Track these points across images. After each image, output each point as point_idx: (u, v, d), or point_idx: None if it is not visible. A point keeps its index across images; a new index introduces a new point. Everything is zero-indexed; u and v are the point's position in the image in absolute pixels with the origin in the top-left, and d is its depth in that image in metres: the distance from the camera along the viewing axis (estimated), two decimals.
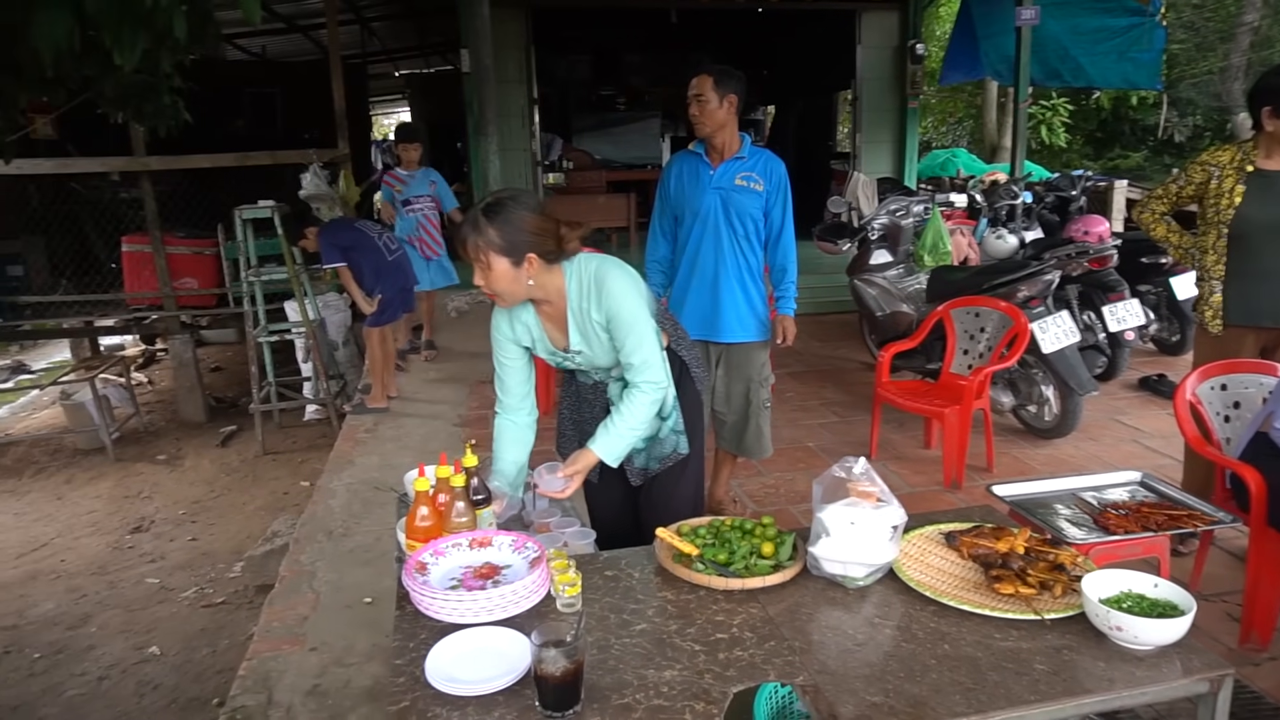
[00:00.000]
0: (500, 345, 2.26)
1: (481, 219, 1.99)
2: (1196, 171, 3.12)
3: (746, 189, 3.21)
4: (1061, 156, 14.05)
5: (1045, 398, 4.47)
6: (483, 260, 2.00)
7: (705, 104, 3.12)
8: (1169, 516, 2.41)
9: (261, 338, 6.11)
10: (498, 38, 8.19)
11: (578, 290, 2.13)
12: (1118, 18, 7.24)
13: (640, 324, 2.13)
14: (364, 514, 3.85)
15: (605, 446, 2.15)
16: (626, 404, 2.16)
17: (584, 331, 2.16)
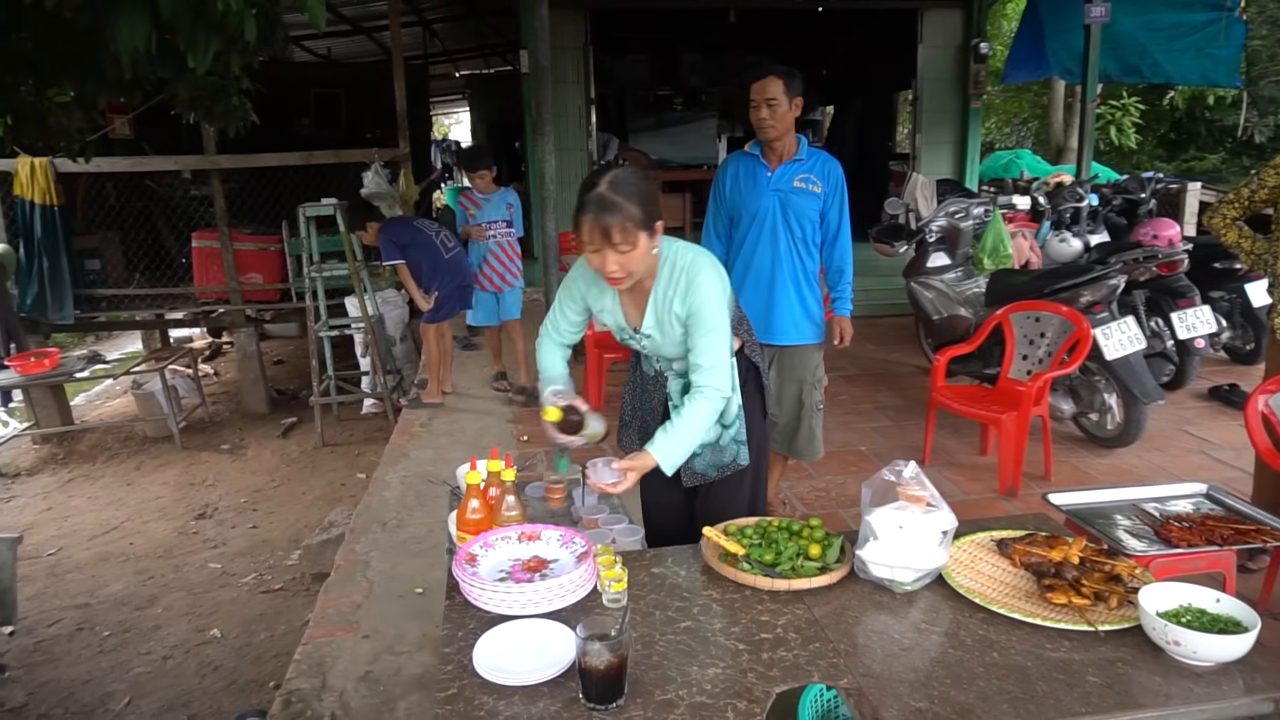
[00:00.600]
0: (568, 299, 2.26)
1: (617, 198, 1.91)
2: (1270, 175, 3.01)
3: (805, 191, 3.20)
4: (1131, 158, 13.63)
5: (1108, 406, 4.35)
6: (630, 241, 1.93)
7: (776, 107, 3.09)
8: (1236, 531, 2.33)
9: (322, 332, 6.27)
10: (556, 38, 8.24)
11: (668, 277, 2.10)
12: (1196, 12, 7.00)
13: (720, 328, 2.09)
14: (417, 506, 3.93)
15: (664, 452, 2.08)
16: (688, 409, 2.10)
17: (660, 318, 2.13)
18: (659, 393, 2.35)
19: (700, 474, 2.33)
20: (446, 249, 5.40)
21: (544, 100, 3.58)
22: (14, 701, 3.50)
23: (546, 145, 3.61)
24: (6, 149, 6.35)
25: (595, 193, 1.94)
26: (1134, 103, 13.11)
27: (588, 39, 8.67)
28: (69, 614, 4.20)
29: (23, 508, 5.59)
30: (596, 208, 1.92)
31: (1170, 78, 8.16)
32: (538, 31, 3.54)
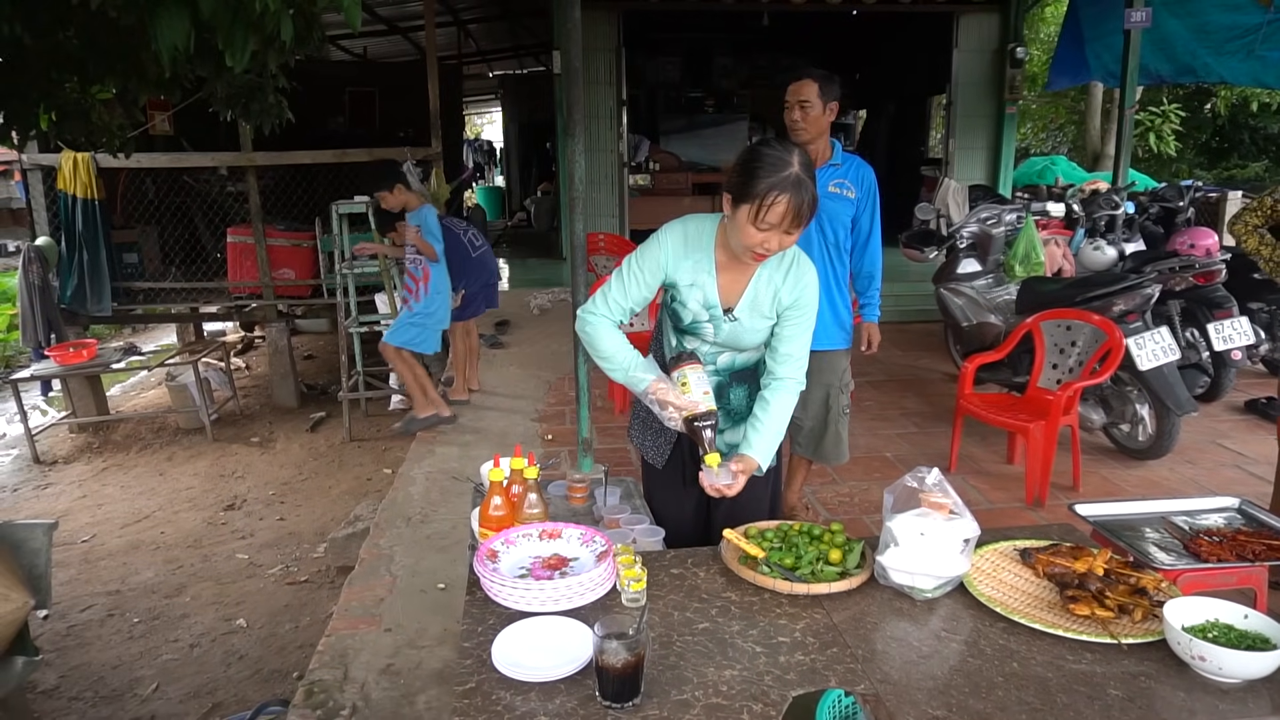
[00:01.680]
0: (647, 271, 2.10)
1: (810, 180, 1.90)
2: None
3: (839, 196, 3.17)
4: (1171, 166, 13.42)
5: (1139, 417, 4.29)
6: (800, 231, 1.94)
7: (809, 110, 3.07)
8: (1269, 547, 2.29)
9: (352, 328, 6.34)
10: (588, 40, 8.29)
11: (776, 264, 2.08)
12: (1250, 15, 6.87)
13: (813, 322, 2.13)
14: (441, 502, 3.96)
15: (763, 449, 2.10)
16: (774, 403, 2.12)
17: (758, 304, 2.10)
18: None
19: None
20: (474, 248, 5.45)
21: (575, 101, 3.59)
22: (46, 684, 3.57)
23: (576, 146, 3.62)
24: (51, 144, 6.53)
25: (792, 173, 1.88)
26: (1174, 109, 12.89)
27: (620, 40, 8.70)
28: (100, 600, 4.28)
29: (59, 495, 5.71)
30: (799, 189, 1.88)
31: (1223, 78, 8.03)
32: (570, 33, 3.55)
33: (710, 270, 2.10)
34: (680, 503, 2.43)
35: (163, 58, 2.62)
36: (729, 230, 2.02)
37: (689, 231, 2.12)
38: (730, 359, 2.20)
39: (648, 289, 2.15)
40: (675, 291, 2.15)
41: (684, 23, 11.63)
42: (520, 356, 6.39)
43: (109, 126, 4.20)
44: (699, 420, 2.04)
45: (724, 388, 2.25)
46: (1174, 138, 12.99)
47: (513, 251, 11.45)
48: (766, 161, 1.90)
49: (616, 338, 2.17)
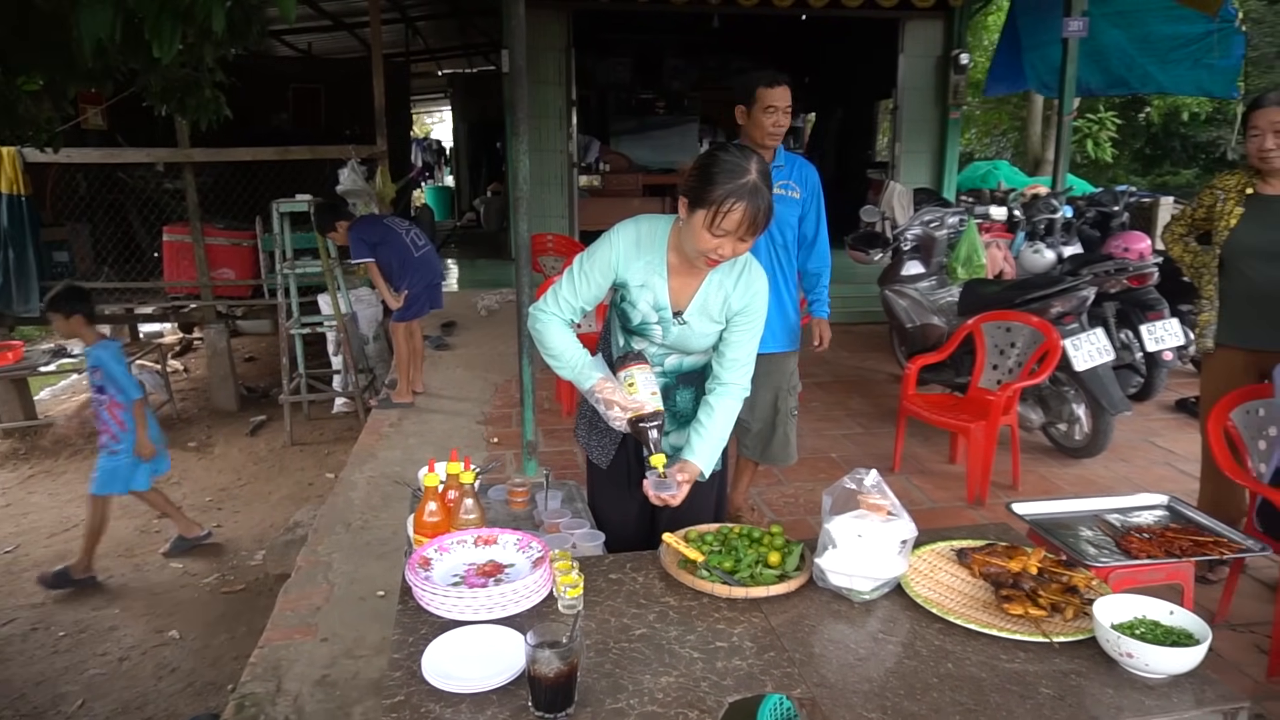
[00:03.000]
0: (598, 271, 2.08)
1: (766, 189, 1.88)
2: (1207, 195, 3.16)
3: (785, 197, 3.15)
4: (1107, 172, 13.80)
5: (1076, 416, 4.38)
6: (758, 234, 1.92)
7: (788, 115, 3.06)
8: (1195, 543, 2.35)
9: (294, 330, 6.20)
10: (538, 39, 8.27)
11: (728, 269, 2.07)
12: (1194, 24, 7.08)
13: (761, 329, 2.13)
14: (383, 507, 3.88)
15: (706, 456, 2.09)
16: (717, 409, 2.11)
17: (707, 308, 2.09)
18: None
19: None
20: (417, 247, 5.37)
21: (520, 100, 3.54)
22: None
23: (521, 146, 3.58)
24: None
25: (751, 181, 1.86)
26: (1110, 117, 13.28)
27: (569, 40, 8.66)
28: (23, 613, 4.11)
29: None
30: (754, 196, 1.86)
31: (1164, 88, 8.25)
32: (515, 30, 3.51)
33: (661, 272, 2.08)
34: (624, 505, 2.40)
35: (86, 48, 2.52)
36: (683, 234, 2.00)
37: (641, 232, 2.09)
38: (678, 361, 2.19)
39: (598, 288, 2.13)
40: (625, 292, 2.13)
41: (634, 23, 11.63)
42: (467, 358, 6.31)
43: (36, 120, 4.03)
44: (644, 421, 2.02)
45: (671, 390, 2.23)
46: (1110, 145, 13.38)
47: (461, 252, 11.33)
48: (724, 168, 1.89)
49: (566, 336, 2.15)
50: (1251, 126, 2.90)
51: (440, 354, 6.45)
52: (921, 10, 8.79)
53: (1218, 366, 3.13)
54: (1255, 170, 2.97)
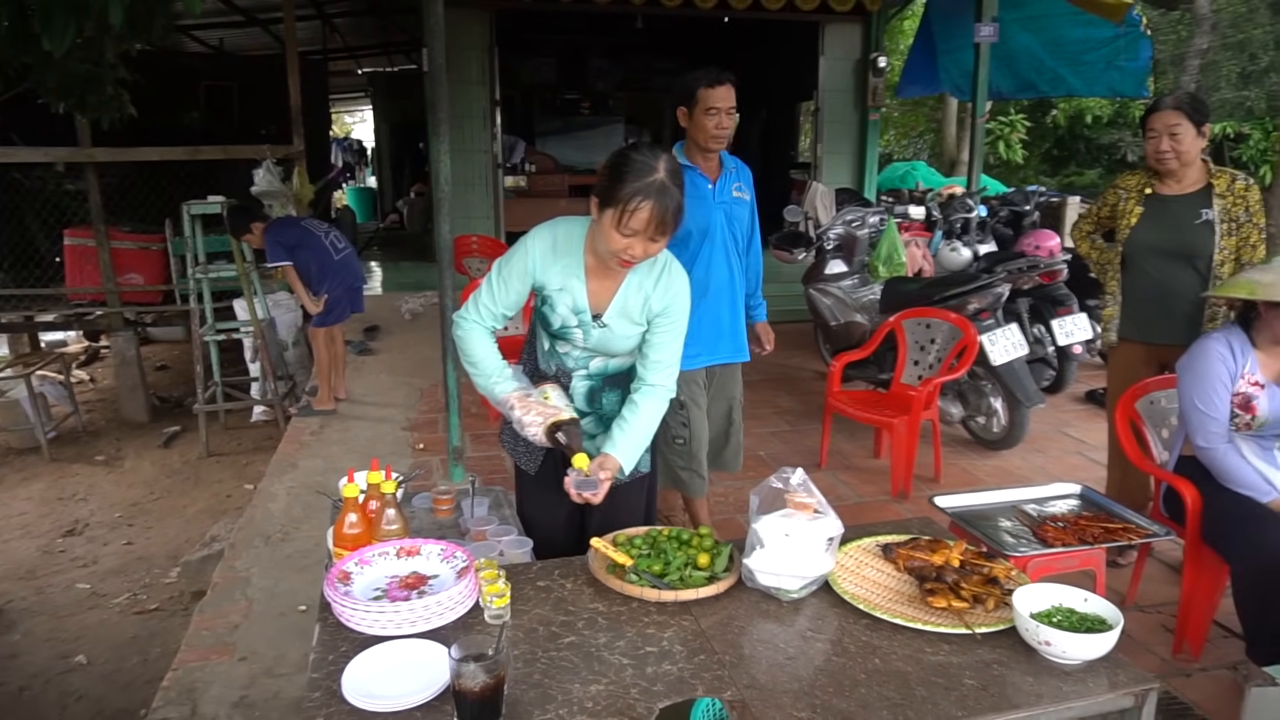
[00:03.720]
0: (516, 276, 2.05)
1: (675, 187, 1.86)
2: (1110, 194, 3.29)
3: (741, 200, 3.09)
4: (1019, 172, 14.30)
5: (994, 409, 4.52)
6: (665, 240, 1.90)
7: (733, 116, 2.93)
8: (1105, 529, 2.43)
9: (208, 336, 5.97)
10: (460, 38, 8.14)
11: (647, 270, 2.05)
12: (1102, 29, 7.36)
13: (684, 330, 2.11)
14: (304, 519, 3.76)
15: (627, 451, 2.05)
16: (642, 407, 2.08)
17: (627, 310, 2.06)
18: None
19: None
20: (336, 250, 5.23)
21: (440, 99, 3.48)
22: None
23: (442, 145, 3.51)
24: None
25: (657, 180, 1.84)
26: (1020, 120, 13.76)
27: (492, 39, 8.55)
28: None
29: None
30: (660, 194, 1.83)
31: (1074, 90, 8.55)
32: (433, 28, 3.44)
33: (580, 275, 2.05)
34: (553, 511, 2.36)
35: None
36: (595, 235, 1.98)
37: (558, 235, 2.06)
38: (603, 364, 2.16)
39: (518, 294, 2.10)
40: (544, 295, 2.10)
41: (558, 24, 11.56)
42: (391, 363, 6.17)
43: None
44: (562, 426, 1.99)
45: (597, 392, 2.21)
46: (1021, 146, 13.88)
47: (385, 254, 11.11)
48: (633, 167, 1.86)
49: (486, 345, 2.13)
50: (1149, 129, 3.02)
51: (363, 359, 6.29)
52: (840, 14, 8.96)
53: (1122, 359, 3.26)
54: (1153, 171, 3.10)
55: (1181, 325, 3.07)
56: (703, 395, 3.14)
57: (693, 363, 3.01)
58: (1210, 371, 2.53)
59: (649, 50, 12.53)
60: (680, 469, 3.17)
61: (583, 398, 2.20)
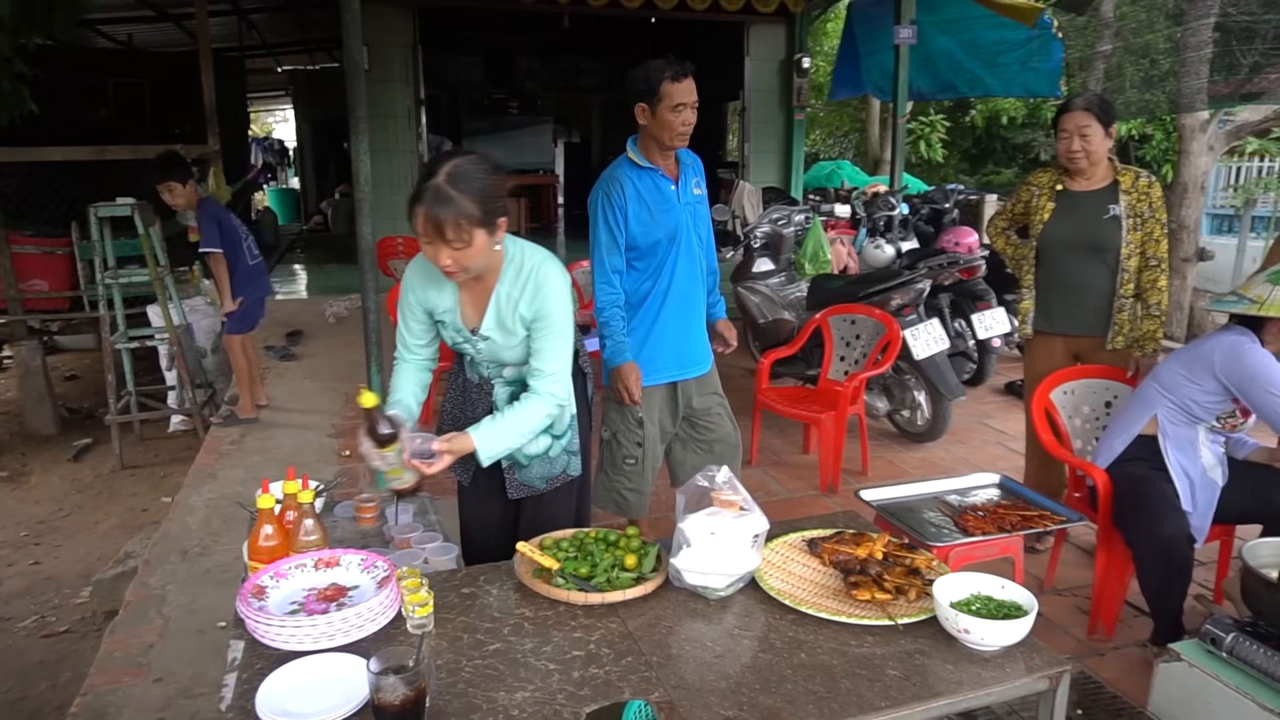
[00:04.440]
0: (408, 307, 2.11)
1: (454, 192, 1.79)
2: (1023, 191, 3.38)
3: (701, 197, 2.96)
4: (939, 171, 14.69)
5: (918, 403, 4.63)
6: (464, 238, 1.82)
7: (695, 111, 2.77)
8: (1023, 517, 2.51)
9: (120, 344, 5.71)
10: (382, 35, 7.99)
11: (513, 278, 2.01)
12: (1017, 31, 7.59)
13: (565, 335, 2.05)
14: (224, 531, 3.63)
15: (486, 439, 1.96)
16: (521, 407, 2.02)
17: (502, 319, 2.03)
18: (483, 401, 2.24)
19: (528, 486, 2.24)
20: (252, 255, 5.07)
21: (359, 98, 3.40)
22: None
23: (362, 145, 3.43)
24: None
25: (432, 183, 1.81)
26: (940, 120, 14.13)
27: (416, 37, 8.41)
28: None
29: None
30: (431, 199, 1.80)
31: (992, 91, 8.80)
32: (349, 24, 3.36)
33: (453, 293, 2.07)
34: (486, 517, 2.34)
35: None
36: None
37: (427, 261, 2.01)
38: (515, 371, 2.15)
39: (422, 325, 2.14)
40: (438, 319, 2.14)
41: (485, 22, 11.44)
42: (315, 368, 6.02)
43: None
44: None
45: (517, 397, 2.18)
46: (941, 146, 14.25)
47: (309, 257, 10.83)
48: (423, 173, 1.87)
49: (402, 377, 2.18)
50: (1061, 130, 3.12)
51: (286, 365, 6.12)
52: (764, 15, 9.07)
53: (1037, 351, 3.37)
54: (1064, 169, 3.20)
55: (1092, 316, 3.19)
56: (661, 414, 3.00)
57: (654, 377, 2.92)
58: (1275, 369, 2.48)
59: (577, 50, 12.50)
60: (626, 490, 3.02)
61: (506, 403, 2.18)
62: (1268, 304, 2.48)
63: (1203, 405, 2.61)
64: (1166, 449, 2.64)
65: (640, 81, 2.72)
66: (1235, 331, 2.58)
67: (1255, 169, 10.49)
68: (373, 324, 3.75)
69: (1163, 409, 2.67)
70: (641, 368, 2.87)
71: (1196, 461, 2.64)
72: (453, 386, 2.33)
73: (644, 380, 2.88)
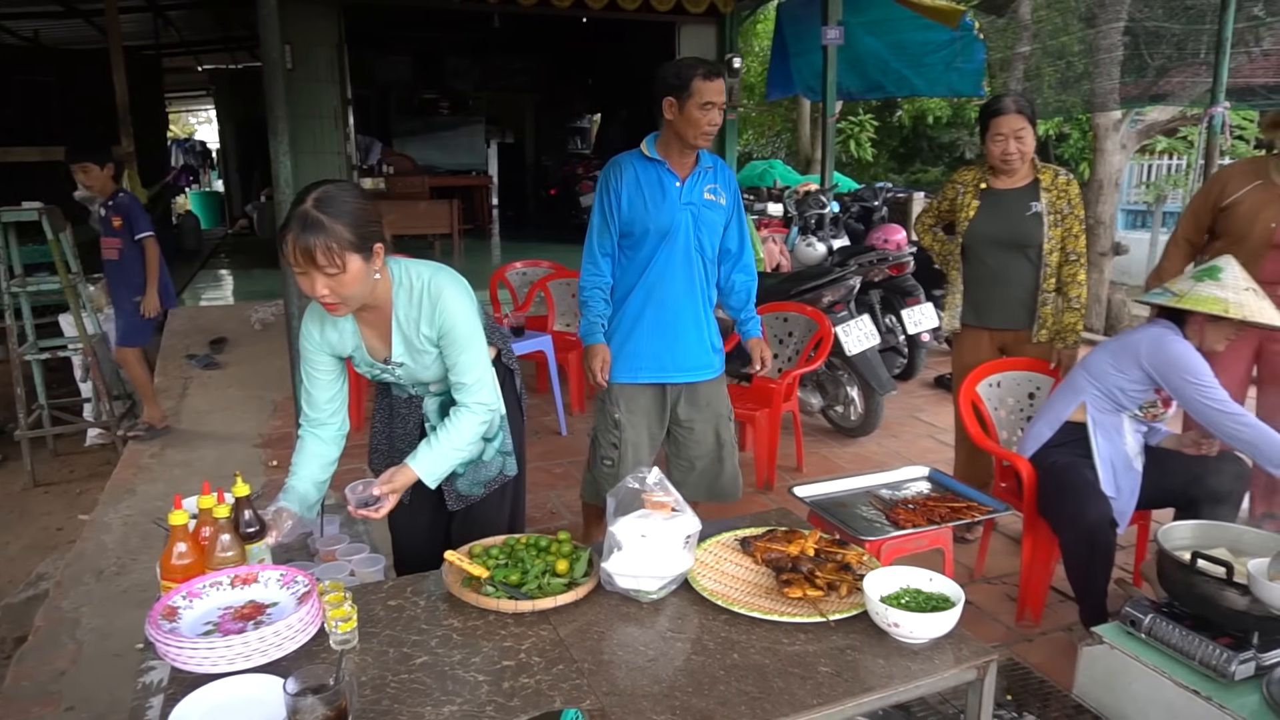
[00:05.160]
0: (310, 356, 2.04)
1: (323, 216, 1.74)
2: (949, 189, 3.45)
3: (714, 204, 2.82)
4: (869, 170, 14.97)
5: (850, 398, 4.69)
6: (336, 264, 1.75)
7: (723, 113, 2.69)
8: (952, 509, 2.55)
9: (30, 355, 5.45)
10: (307, 34, 7.79)
11: (406, 300, 1.97)
12: (941, 32, 7.76)
13: (476, 342, 2.01)
14: (143, 549, 3.49)
15: (426, 465, 1.97)
16: (454, 423, 2.01)
17: (409, 344, 2.00)
18: (414, 414, 2.20)
19: (466, 495, 2.20)
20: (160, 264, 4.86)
21: (277, 97, 3.29)
22: None
23: (282, 146, 3.33)
24: None
25: (300, 209, 1.76)
26: (869, 120, 14.40)
27: (342, 35, 8.22)
28: None
29: None
30: (299, 226, 1.74)
31: (918, 90, 8.99)
32: (268, 21, 3.25)
33: (353, 329, 2.02)
34: (415, 525, 2.28)
35: None
36: None
37: (319, 308, 1.98)
38: (440, 384, 2.12)
39: (329, 374, 2.07)
40: (344, 354, 2.08)
41: (413, 20, 11.26)
42: (240, 376, 5.83)
43: None
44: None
45: (448, 405, 2.13)
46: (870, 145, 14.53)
47: (234, 262, 10.49)
48: (294, 201, 1.82)
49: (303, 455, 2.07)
50: (996, 133, 3.15)
51: (210, 374, 5.91)
52: (695, 16, 9.11)
53: (965, 345, 3.44)
54: (988, 167, 3.28)
55: (1017, 310, 3.27)
56: (646, 416, 2.90)
57: (634, 376, 2.85)
58: (1200, 365, 2.55)
59: (508, 49, 12.39)
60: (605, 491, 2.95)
61: (436, 414, 2.15)
62: (1187, 297, 2.58)
63: (1128, 393, 2.70)
64: (1095, 435, 2.72)
65: (672, 76, 2.69)
66: (1161, 325, 2.68)
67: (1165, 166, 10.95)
68: (297, 330, 3.64)
69: (1090, 396, 2.76)
70: (623, 364, 2.84)
71: (1121, 448, 2.73)
72: (381, 405, 2.29)
73: (623, 377, 2.85)
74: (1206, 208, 3.14)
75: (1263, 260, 2.95)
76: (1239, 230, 3.01)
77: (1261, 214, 2.96)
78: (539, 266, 5.83)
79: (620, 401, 2.87)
